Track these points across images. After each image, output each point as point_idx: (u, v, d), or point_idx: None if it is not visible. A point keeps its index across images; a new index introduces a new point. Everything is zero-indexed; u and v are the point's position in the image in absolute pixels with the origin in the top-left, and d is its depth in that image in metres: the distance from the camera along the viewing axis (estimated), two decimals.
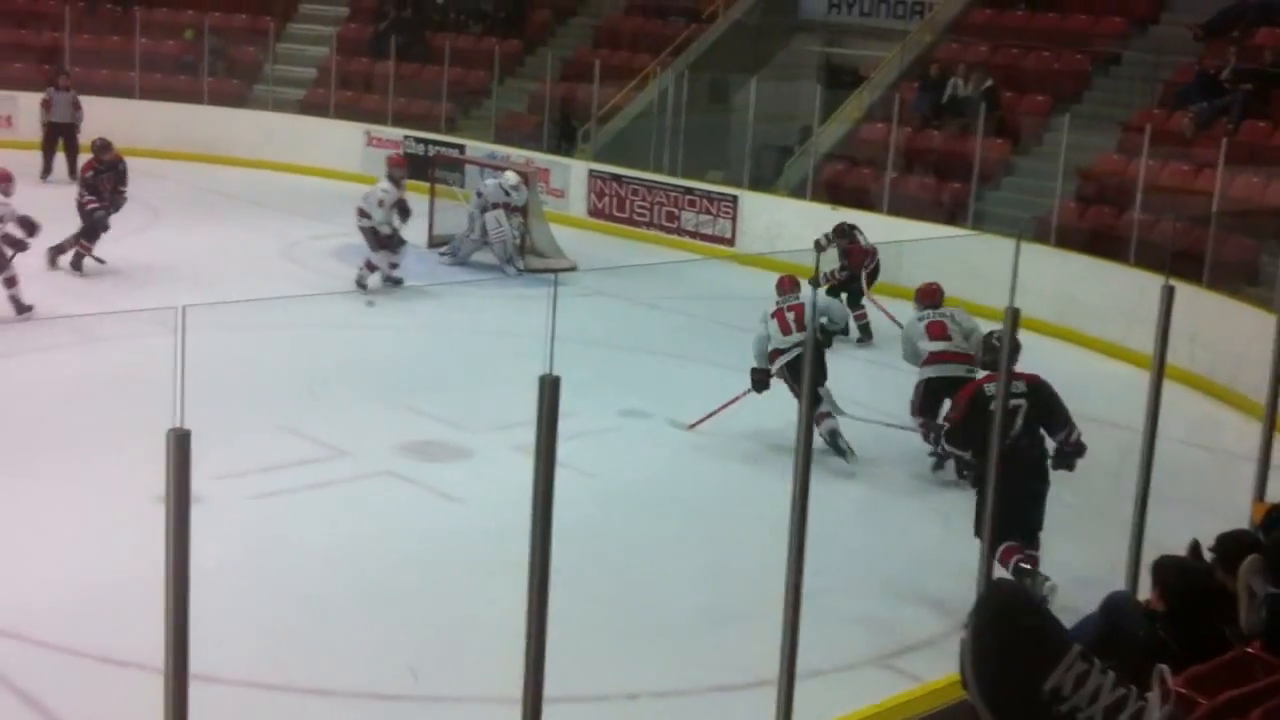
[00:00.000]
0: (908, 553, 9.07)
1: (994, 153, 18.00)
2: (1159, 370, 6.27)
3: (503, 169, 18.00)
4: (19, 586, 7.70)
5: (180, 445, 3.79)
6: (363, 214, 15.16)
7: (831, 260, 14.65)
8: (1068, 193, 16.84)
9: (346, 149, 22.81)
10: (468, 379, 12.32)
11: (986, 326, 10.31)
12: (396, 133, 22.51)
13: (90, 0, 25.90)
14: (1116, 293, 14.32)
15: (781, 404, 10.29)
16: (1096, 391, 13.00)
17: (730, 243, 18.45)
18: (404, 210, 15.17)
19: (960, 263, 15.22)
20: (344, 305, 14.18)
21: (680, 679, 7.27)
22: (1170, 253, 12.21)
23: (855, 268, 14.64)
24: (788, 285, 11.16)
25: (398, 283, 15.16)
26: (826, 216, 17.37)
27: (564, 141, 21.78)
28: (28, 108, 23.36)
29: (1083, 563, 8.57)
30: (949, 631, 7.31)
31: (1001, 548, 7.86)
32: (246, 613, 7.42)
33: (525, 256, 16.81)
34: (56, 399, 10.91)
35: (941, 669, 6.44)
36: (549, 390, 4.31)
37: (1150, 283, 14.36)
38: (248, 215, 19.14)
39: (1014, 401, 8.09)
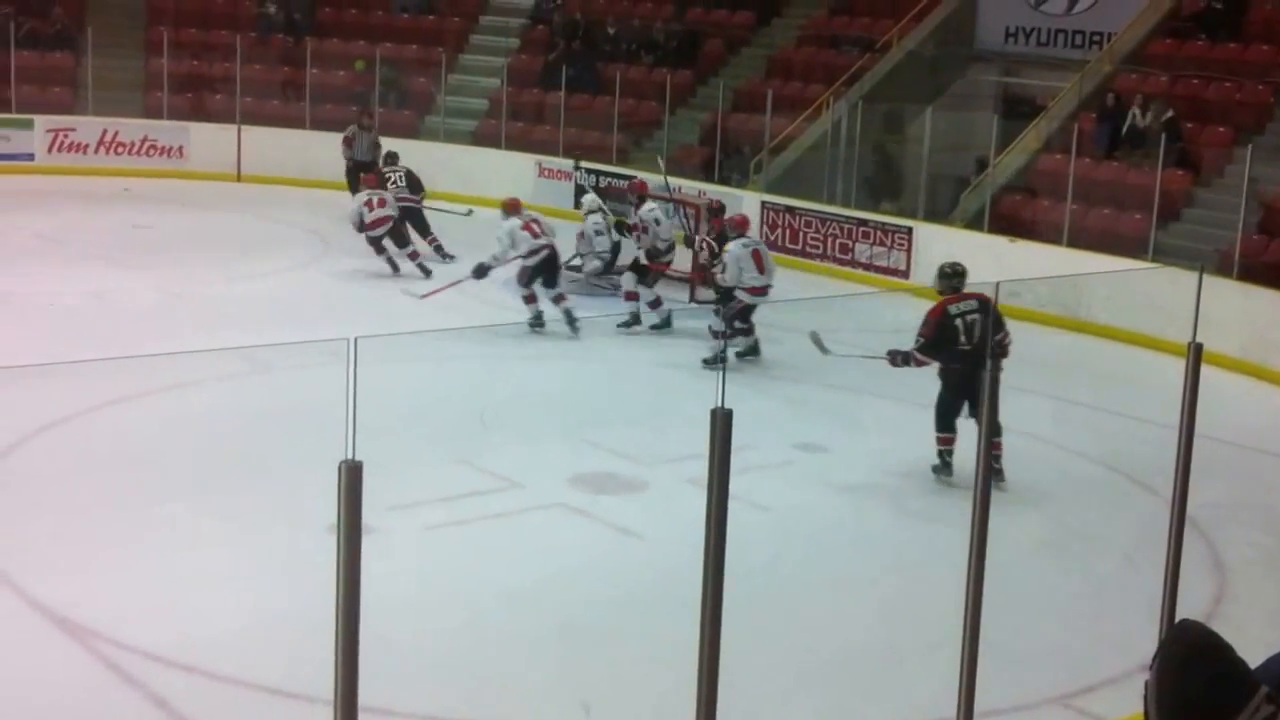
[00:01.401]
0: (1087, 588, 8.97)
1: (1175, 184, 17.70)
2: None
3: (672, 200, 18.15)
4: (190, 617, 7.89)
5: (352, 476, 3.90)
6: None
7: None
8: (1250, 226, 16.49)
9: (518, 180, 23.13)
10: (640, 411, 12.44)
11: (1173, 364, 10.36)
12: (568, 164, 22.83)
13: (262, 31, 26.70)
14: None
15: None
16: None
17: (905, 275, 18.36)
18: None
19: (1141, 296, 15.02)
20: (516, 336, 14.42)
21: (855, 717, 7.28)
22: None
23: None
24: (512, 206, 15.37)
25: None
26: (1004, 249, 17.25)
27: (735, 173, 21.88)
28: (199, 138, 24.23)
29: (1274, 599, 8.41)
30: (1131, 670, 7.23)
31: (939, 435, 10.59)
32: (417, 645, 7.52)
33: (697, 289, 16.91)
34: (229, 429, 11.19)
35: (1124, 709, 6.38)
36: (721, 423, 4.38)
37: None
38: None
39: (971, 316, 10.44)
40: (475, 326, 14.32)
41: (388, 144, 21.95)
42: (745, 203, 20.44)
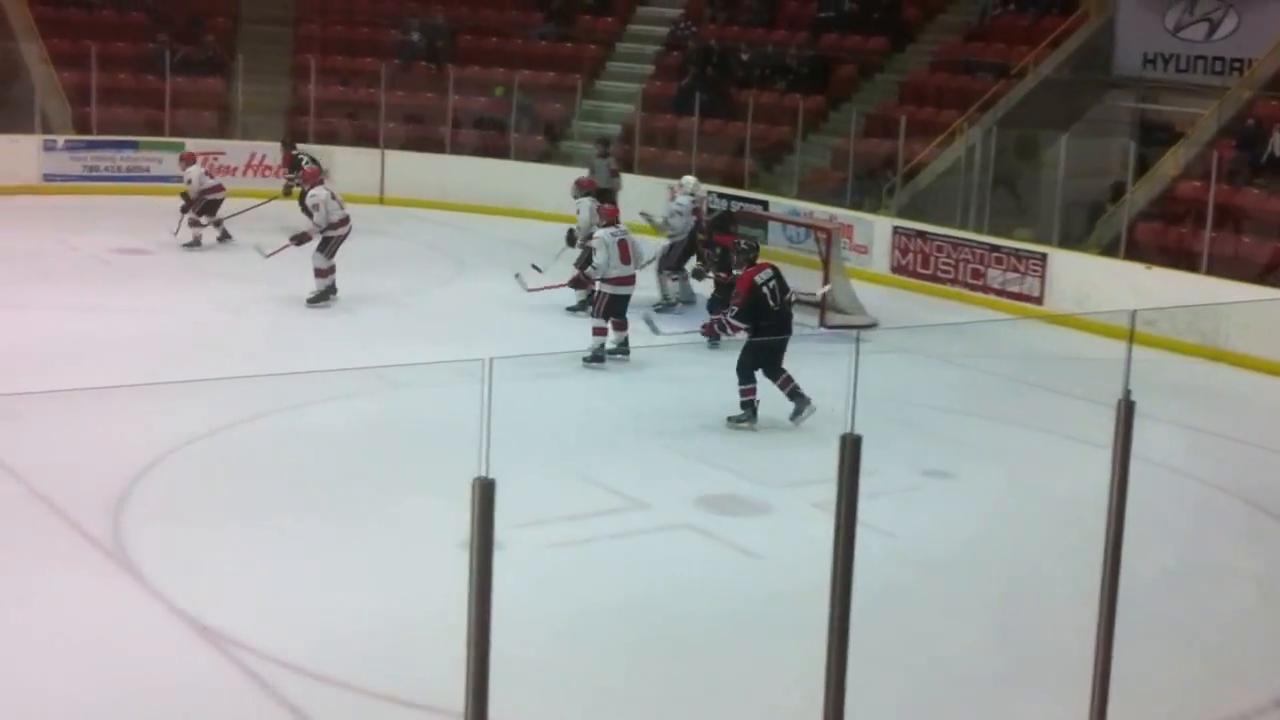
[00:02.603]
0: (1219, 621, 8.73)
1: None
2: None
3: (803, 225, 18.08)
4: (323, 626, 7.97)
5: (484, 493, 3.91)
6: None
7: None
8: None
9: (650, 204, 23.19)
10: (767, 433, 12.35)
11: None
12: (700, 188, 22.79)
13: (405, 58, 27.08)
14: None
15: (1081, 465, 10.04)
16: None
17: (1038, 301, 18.08)
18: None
19: None
20: (643, 357, 14.40)
21: None
22: None
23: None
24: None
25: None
26: (1140, 276, 16.93)
27: (867, 197, 21.72)
28: (343, 162, 24.58)
29: None
30: (1264, 706, 7.02)
31: (743, 387, 12.10)
32: (541, 660, 7.53)
33: (827, 313, 16.81)
34: (364, 444, 11.34)
35: None
36: (850, 449, 4.32)
37: None
38: (551, 267, 19.66)
39: (773, 282, 12.35)
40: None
41: (524, 169, 22.33)
42: (877, 227, 20.30)
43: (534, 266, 16.53)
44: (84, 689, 7.14)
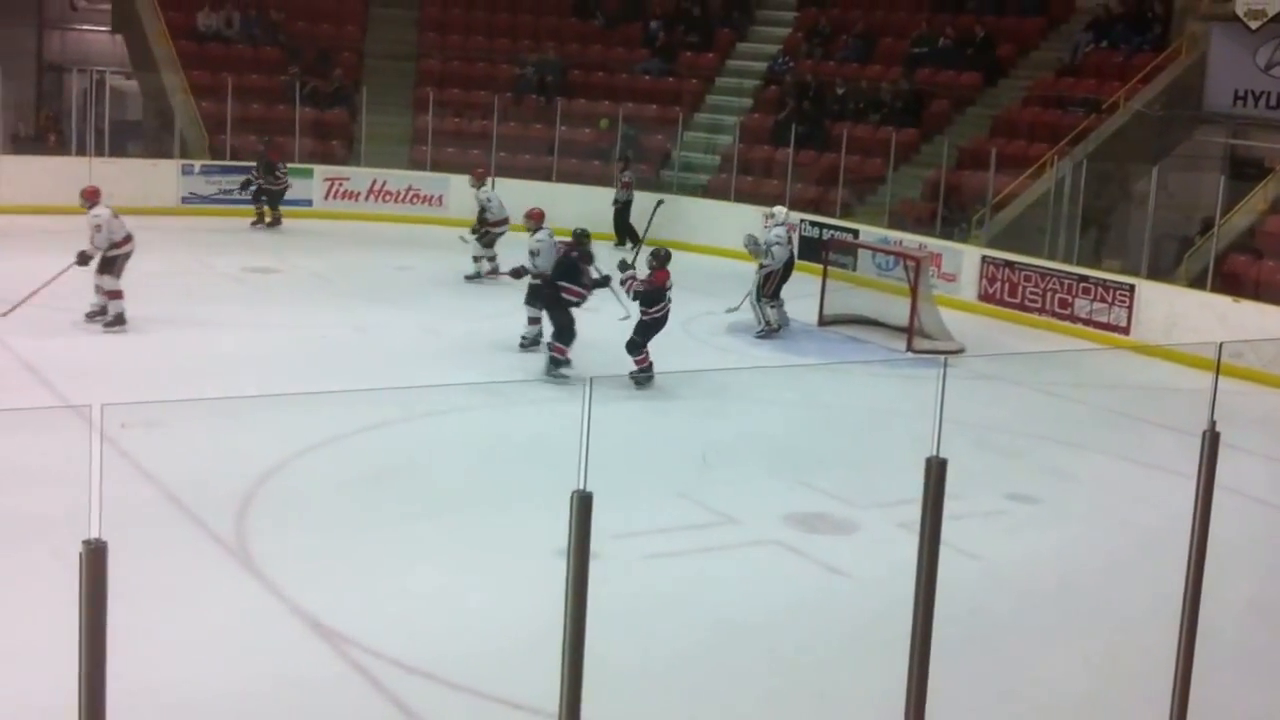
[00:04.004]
0: None
1: None
2: None
3: (891, 252, 17.95)
4: (434, 629, 8.02)
5: (583, 506, 3.96)
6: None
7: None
8: None
9: (744, 232, 23.15)
10: (855, 454, 12.25)
11: None
12: (793, 216, 22.73)
13: (518, 92, 27.32)
14: None
15: (1165, 494, 9.86)
16: None
17: (1125, 331, 17.79)
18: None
19: None
20: (738, 379, 14.39)
21: None
22: None
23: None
24: (90, 195, 15.24)
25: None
26: (1228, 309, 16.62)
27: (957, 228, 21.53)
28: (458, 188, 24.91)
29: None
30: None
31: (557, 345, 13.71)
32: (632, 666, 7.49)
33: (914, 338, 16.67)
34: (474, 455, 11.41)
35: None
36: (935, 471, 4.27)
37: None
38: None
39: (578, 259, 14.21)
40: (699, 370, 14.34)
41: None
42: (965, 256, 20.11)
43: (461, 238, 19.58)
44: (207, 682, 7.21)
